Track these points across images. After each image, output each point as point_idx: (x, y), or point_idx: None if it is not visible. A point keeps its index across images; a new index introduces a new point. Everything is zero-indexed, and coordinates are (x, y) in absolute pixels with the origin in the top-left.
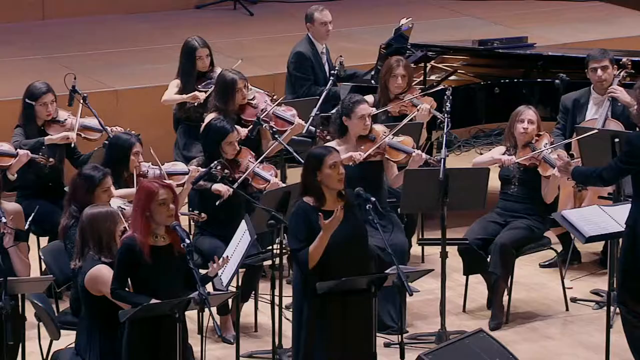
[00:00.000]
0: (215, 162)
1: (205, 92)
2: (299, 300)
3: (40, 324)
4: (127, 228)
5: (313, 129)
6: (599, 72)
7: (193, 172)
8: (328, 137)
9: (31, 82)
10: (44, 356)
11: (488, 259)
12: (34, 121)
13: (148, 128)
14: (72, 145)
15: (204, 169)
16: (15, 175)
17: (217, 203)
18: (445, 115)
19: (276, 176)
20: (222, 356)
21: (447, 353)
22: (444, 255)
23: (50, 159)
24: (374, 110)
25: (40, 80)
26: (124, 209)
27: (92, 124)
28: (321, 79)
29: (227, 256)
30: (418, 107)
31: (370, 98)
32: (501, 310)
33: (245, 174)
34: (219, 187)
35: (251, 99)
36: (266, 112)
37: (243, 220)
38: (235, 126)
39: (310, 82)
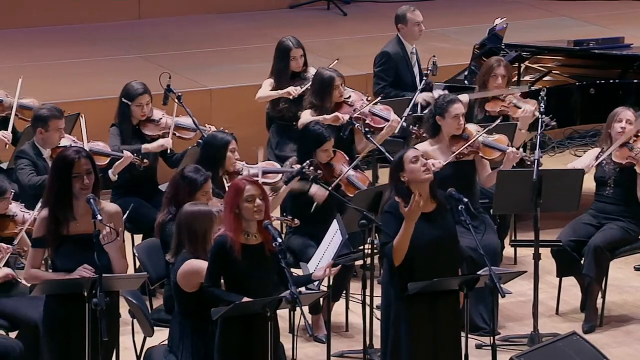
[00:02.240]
0: (308, 161)
1: (300, 86)
2: (387, 301)
3: (134, 320)
4: None
5: (406, 126)
6: None
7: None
8: (424, 135)
9: (128, 82)
10: (138, 352)
11: (582, 261)
12: (130, 120)
13: (241, 127)
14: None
15: (296, 168)
16: (117, 176)
17: (312, 210)
18: (540, 116)
19: (368, 187)
20: (314, 355)
21: (540, 355)
22: (537, 257)
23: (145, 160)
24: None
25: (135, 79)
26: (221, 211)
27: (187, 123)
28: (409, 79)
29: (335, 263)
30: (522, 109)
31: (465, 97)
32: (595, 313)
33: (338, 179)
34: (316, 189)
35: (347, 98)
36: (358, 111)
37: (334, 220)
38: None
39: (386, 84)
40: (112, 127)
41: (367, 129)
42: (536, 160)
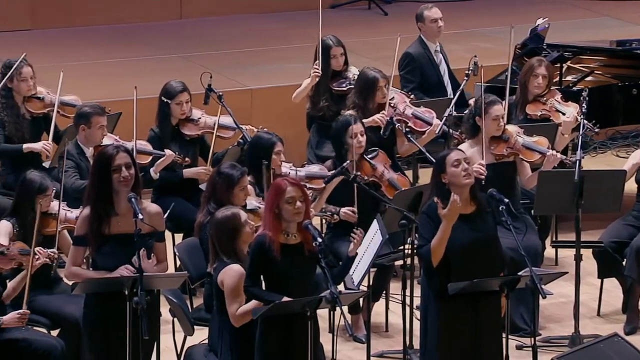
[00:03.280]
0: (348, 161)
1: (317, 72)
2: (426, 301)
3: (175, 319)
4: None
5: (446, 128)
6: None
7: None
8: (465, 140)
9: (168, 81)
10: (178, 352)
11: (623, 262)
12: (169, 119)
13: (281, 127)
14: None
15: (336, 168)
16: (158, 175)
17: (355, 228)
18: (583, 116)
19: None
20: (353, 355)
21: (581, 357)
22: (578, 258)
23: (186, 159)
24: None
25: (176, 79)
26: (260, 207)
27: (227, 123)
28: (434, 79)
29: (361, 230)
30: (566, 115)
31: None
32: (637, 314)
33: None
34: (346, 210)
35: (391, 99)
36: (399, 112)
37: (374, 220)
38: None
39: (414, 85)
40: (150, 131)
41: (407, 129)
42: (578, 161)
